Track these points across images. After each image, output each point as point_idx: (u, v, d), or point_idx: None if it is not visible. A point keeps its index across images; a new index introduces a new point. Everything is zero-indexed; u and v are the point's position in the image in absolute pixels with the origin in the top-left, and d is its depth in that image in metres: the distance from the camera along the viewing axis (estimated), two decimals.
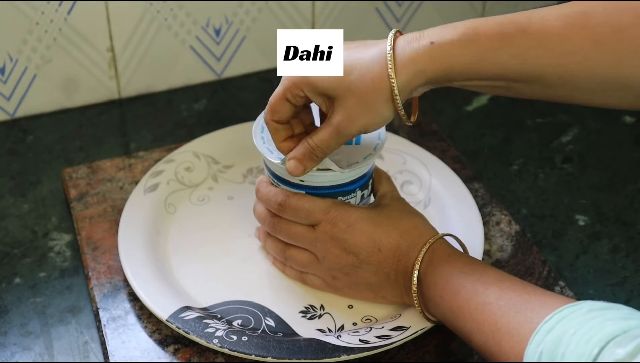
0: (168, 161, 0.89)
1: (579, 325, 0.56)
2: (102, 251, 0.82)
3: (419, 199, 0.87)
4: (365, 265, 0.72)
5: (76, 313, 0.79)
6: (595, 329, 0.55)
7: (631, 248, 0.85)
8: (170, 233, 0.84)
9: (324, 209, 0.73)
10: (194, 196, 0.88)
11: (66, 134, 1.00)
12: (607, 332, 0.54)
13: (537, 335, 0.58)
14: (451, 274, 0.68)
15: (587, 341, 0.54)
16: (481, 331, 0.64)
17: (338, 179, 0.74)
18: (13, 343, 0.76)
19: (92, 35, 0.99)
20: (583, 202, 0.91)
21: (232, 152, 0.91)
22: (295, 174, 0.71)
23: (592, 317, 0.56)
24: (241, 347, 0.71)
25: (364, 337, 0.72)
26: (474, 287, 0.66)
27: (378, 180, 0.78)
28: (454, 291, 0.67)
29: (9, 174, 0.94)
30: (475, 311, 0.65)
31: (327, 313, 0.76)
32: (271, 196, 0.75)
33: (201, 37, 1.04)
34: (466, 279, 0.67)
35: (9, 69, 0.97)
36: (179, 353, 0.73)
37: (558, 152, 0.98)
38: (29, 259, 0.84)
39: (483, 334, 0.64)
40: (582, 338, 0.54)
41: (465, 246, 0.74)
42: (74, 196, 0.88)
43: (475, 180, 0.90)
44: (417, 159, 0.90)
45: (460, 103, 1.05)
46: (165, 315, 0.73)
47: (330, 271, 0.74)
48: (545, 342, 0.56)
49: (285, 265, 0.78)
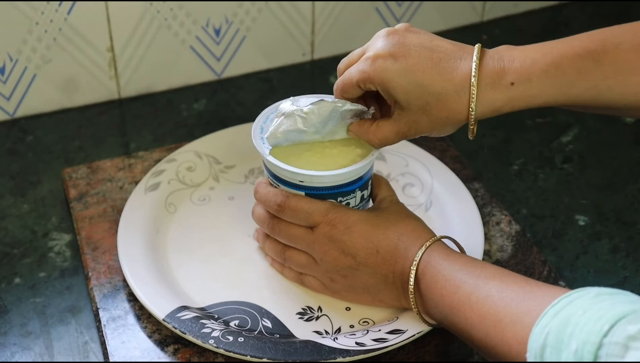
0: (170, 160, 0.89)
1: (588, 306, 0.55)
2: (102, 251, 0.82)
3: (421, 201, 0.87)
4: (363, 267, 0.72)
5: (76, 313, 0.79)
6: (605, 309, 0.54)
7: (631, 248, 0.85)
8: (170, 232, 0.84)
9: (322, 211, 0.73)
10: (195, 196, 0.88)
11: (66, 134, 1.00)
12: (617, 311, 0.53)
13: (544, 319, 0.57)
14: (451, 272, 0.68)
15: (597, 320, 0.53)
16: (483, 323, 0.63)
17: (338, 180, 0.73)
18: (13, 343, 0.76)
19: (92, 35, 0.99)
20: (583, 202, 0.91)
21: (234, 152, 0.91)
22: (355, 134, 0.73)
23: (601, 300, 0.55)
24: (237, 348, 0.71)
25: (361, 339, 0.72)
26: (475, 282, 0.66)
27: (377, 185, 0.78)
28: (455, 288, 0.66)
29: (9, 174, 0.94)
30: (476, 305, 0.64)
31: (325, 315, 0.76)
32: (270, 197, 0.75)
33: (201, 37, 1.04)
34: (467, 275, 0.67)
35: (8, 69, 0.97)
36: (179, 353, 0.73)
37: (558, 152, 0.98)
38: (28, 259, 0.84)
39: (484, 326, 0.63)
40: (591, 317, 0.54)
41: (463, 248, 0.74)
42: (74, 196, 0.88)
43: (475, 180, 0.90)
44: (418, 161, 0.90)
45: None
46: (162, 315, 0.73)
47: (328, 273, 0.74)
48: (552, 324, 0.56)
49: (284, 266, 0.78)
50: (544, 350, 0.55)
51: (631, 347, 0.51)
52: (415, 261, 0.69)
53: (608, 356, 0.51)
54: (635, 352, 0.50)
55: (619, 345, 0.51)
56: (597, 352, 0.52)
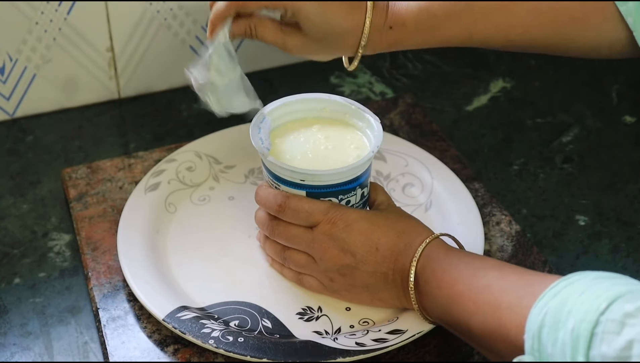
0: (170, 160, 0.89)
1: (586, 287, 0.55)
2: (101, 251, 0.82)
3: (421, 201, 0.87)
4: (363, 265, 0.72)
5: (76, 313, 0.79)
6: (602, 289, 0.54)
7: (631, 248, 0.85)
8: (170, 232, 0.84)
9: (323, 210, 0.73)
10: (195, 196, 0.88)
11: (66, 134, 1.00)
12: (615, 291, 0.53)
13: (542, 300, 0.57)
14: (450, 264, 0.68)
15: (595, 299, 0.53)
16: (480, 311, 0.63)
17: (339, 178, 0.74)
18: (13, 344, 0.76)
19: (92, 35, 0.99)
20: (583, 202, 0.91)
21: (234, 152, 0.91)
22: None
23: (600, 282, 0.56)
24: (237, 348, 0.71)
25: (361, 339, 0.72)
26: (473, 273, 0.66)
27: (374, 191, 0.78)
28: (453, 279, 0.67)
29: (9, 174, 0.94)
30: (475, 295, 0.64)
31: (325, 315, 0.76)
32: (270, 199, 0.75)
33: (201, 37, 1.04)
34: (466, 267, 0.67)
35: (8, 68, 0.97)
36: (179, 353, 0.73)
37: (558, 152, 0.98)
38: (28, 259, 0.84)
39: (482, 314, 0.63)
40: (589, 297, 0.54)
41: (463, 246, 0.74)
42: (74, 196, 0.88)
43: (475, 180, 0.90)
44: (418, 161, 0.90)
45: (460, 103, 1.05)
46: (162, 315, 0.73)
47: (327, 272, 0.74)
48: (550, 305, 0.56)
49: (284, 266, 0.78)
50: (541, 330, 0.55)
51: (627, 323, 0.51)
52: (415, 258, 0.69)
53: (604, 333, 0.51)
54: (631, 328, 0.51)
55: (615, 322, 0.51)
56: (593, 329, 0.52)
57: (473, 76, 1.10)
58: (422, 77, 1.10)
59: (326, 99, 0.80)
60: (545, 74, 1.10)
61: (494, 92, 1.07)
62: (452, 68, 1.11)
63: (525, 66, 1.12)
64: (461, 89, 1.07)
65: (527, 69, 1.11)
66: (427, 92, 1.07)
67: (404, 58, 1.12)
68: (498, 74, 1.10)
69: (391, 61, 1.12)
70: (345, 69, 0.81)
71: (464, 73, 1.10)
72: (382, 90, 1.07)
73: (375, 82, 1.08)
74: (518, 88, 1.08)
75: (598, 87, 1.08)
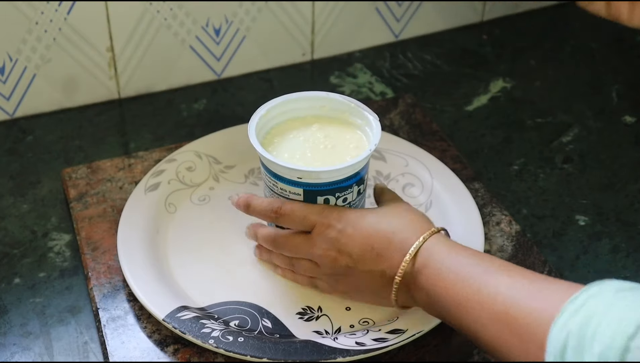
0: (170, 160, 0.89)
1: (609, 304, 0.54)
2: (101, 251, 0.82)
3: (421, 201, 0.87)
4: (361, 265, 0.72)
5: (76, 313, 0.79)
6: (628, 308, 0.53)
7: (631, 248, 0.85)
8: (170, 232, 0.84)
9: (318, 211, 0.73)
10: (195, 196, 0.88)
11: (66, 134, 1.00)
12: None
13: (561, 317, 0.55)
14: (457, 265, 0.67)
15: (621, 320, 0.52)
16: (494, 324, 0.61)
17: (336, 175, 0.74)
18: (13, 344, 0.76)
19: (92, 35, 0.99)
20: (583, 202, 0.91)
21: (234, 152, 0.91)
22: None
23: (623, 297, 0.54)
24: (237, 348, 0.71)
25: (361, 339, 0.72)
26: (482, 278, 0.64)
27: (380, 192, 0.79)
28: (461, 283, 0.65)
29: (9, 174, 0.94)
30: (487, 303, 0.63)
31: (325, 315, 0.76)
32: (265, 206, 0.75)
33: (201, 37, 1.04)
34: (473, 270, 0.65)
35: (8, 68, 0.97)
36: (179, 353, 0.73)
37: (558, 152, 0.98)
38: (28, 259, 0.84)
39: (496, 327, 0.61)
40: (614, 318, 0.53)
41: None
42: (74, 196, 0.88)
43: (475, 180, 0.90)
44: (418, 161, 0.90)
45: (460, 103, 1.05)
46: (162, 315, 0.73)
47: (331, 275, 0.74)
48: (572, 324, 0.54)
49: (296, 274, 0.78)
50: (565, 351, 0.54)
51: None
52: (409, 254, 0.69)
53: (636, 360, 0.51)
54: None
55: None
56: (623, 355, 0.51)
57: (473, 76, 1.10)
58: (422, 77, 1.10)
59: (325, 97, 0.80)
60: (545, 74, 1.10)
61: (494, 92, 1.07)
62: (452, 68, 1.11)
63: (525, 66, 1.12)
64: (461, 89, 1.07)
65: (527, 69, 1.11)
66: (427, 92, 1.07)
67: (404, 58, 1.12)
68: (498, 74, 1.10)
69: (391, 61, 1.12)
70: (345, 69, 0.80)
71: (464, 73, 1.10)
72: (382, 90, 1.07)
73: (375, 82, 1.08)
74: (518, 88, 1.08)
75: (598, 87, 1.08)
